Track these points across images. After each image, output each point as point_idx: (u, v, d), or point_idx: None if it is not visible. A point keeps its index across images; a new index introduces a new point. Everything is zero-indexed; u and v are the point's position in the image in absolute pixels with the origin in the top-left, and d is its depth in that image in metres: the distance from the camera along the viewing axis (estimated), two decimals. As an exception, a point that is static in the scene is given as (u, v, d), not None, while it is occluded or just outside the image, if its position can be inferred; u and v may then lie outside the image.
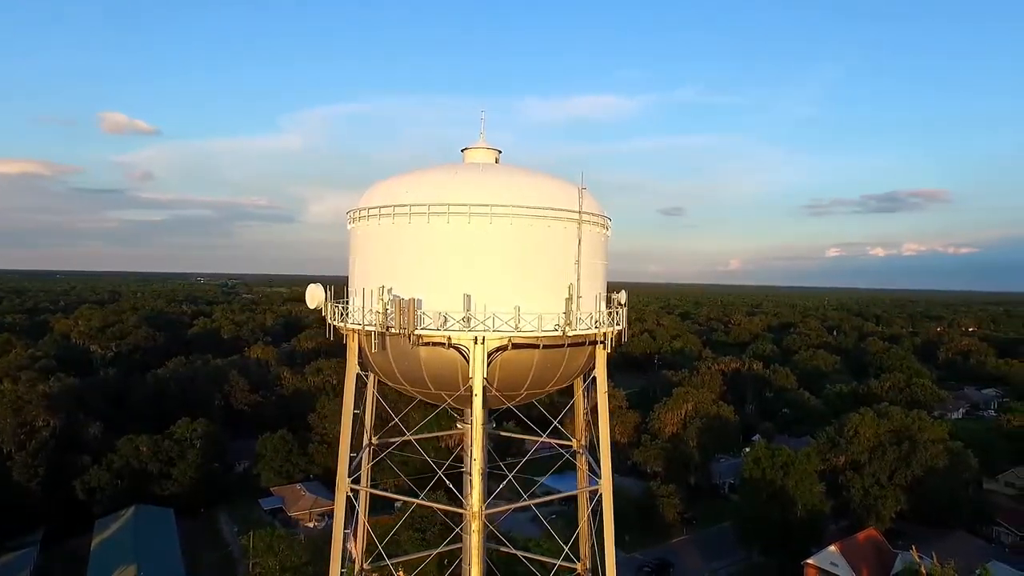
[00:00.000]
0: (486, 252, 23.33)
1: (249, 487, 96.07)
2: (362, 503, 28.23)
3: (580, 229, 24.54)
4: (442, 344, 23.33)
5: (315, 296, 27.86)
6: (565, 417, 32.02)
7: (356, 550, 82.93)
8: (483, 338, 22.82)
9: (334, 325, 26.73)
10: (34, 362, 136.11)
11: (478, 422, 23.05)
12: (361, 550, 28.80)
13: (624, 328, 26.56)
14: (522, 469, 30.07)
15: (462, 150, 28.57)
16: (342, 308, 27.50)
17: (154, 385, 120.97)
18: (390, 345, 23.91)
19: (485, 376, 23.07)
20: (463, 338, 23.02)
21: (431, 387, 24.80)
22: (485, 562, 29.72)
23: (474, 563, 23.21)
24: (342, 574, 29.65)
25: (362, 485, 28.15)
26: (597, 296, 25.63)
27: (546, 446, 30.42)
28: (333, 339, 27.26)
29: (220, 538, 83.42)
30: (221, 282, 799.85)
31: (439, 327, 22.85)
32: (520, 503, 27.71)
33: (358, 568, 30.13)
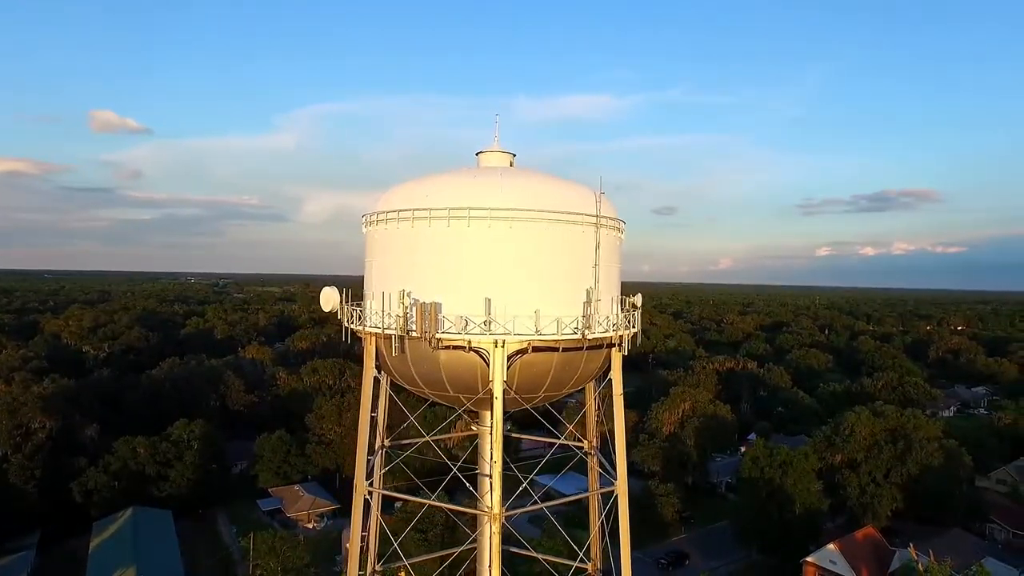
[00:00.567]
0: (506, 256, 23.47)
1: (247, 488, 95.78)
2: (375, 505, 28.29)
3: (598, 233, 24.76)
4: (462, 347, 23.44)
5: (330, 299, 27.91)
6: (574, 418, 32.19)
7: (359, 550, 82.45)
8: (503, 341, 22.97)
9: (351, 328, 26.76)
10: (26, 363, 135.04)
11: (498, 424, 23.22)
12: (374, 551, 28.87)
13: (638, 331, 26.79)
14: (517, 469, 30.44)
15: (477, 153, 28.70)
16: (357, 311, 27.57)
17: (149, 386, 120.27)
18: (409, 348, 24.01)
19: (504, 379, 23.22)
20: (483, 341, 23.15)
21: (450, 390, 24.91)
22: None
23: (494, 564, 23.37)
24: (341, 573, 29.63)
25: (375, 487, 28.20)
26: (612, 299, 25.85)
27: (539, 445, 30.58)
28: (350, 341, 27.31)
29: (219, 539, 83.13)
30: (212, 282, 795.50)
31: (460, 331, 22.98)
32: (538, 505, 27.86)
33: (370, 569, 30.19)
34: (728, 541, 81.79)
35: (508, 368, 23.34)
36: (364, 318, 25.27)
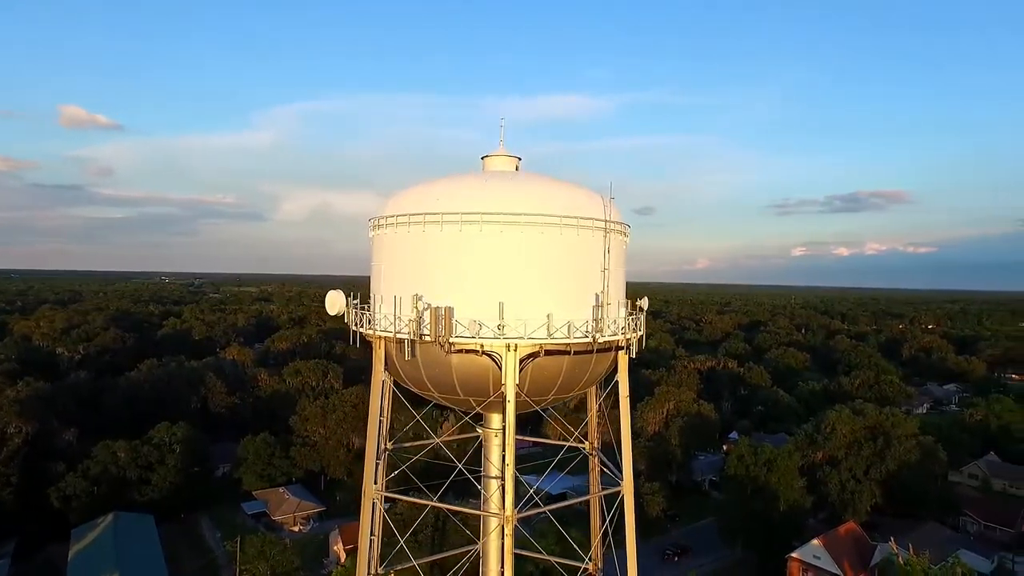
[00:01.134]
0: (518, 261, 23.67)
1: (231, 491, 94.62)
2: (378, 508, 28.28)
3: (609, 238, 25.09)
4: (475, 351, 23.59)
5: (336, 303, 27.84)
6: (576, 420, 32.49)
7: (341, 552, 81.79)
8: (516, 345, 23.17)
9: (360, 332, 26.72)
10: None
11: (511, 427, 23.38)
12: (377, 553, 28.81)
13: (644, 333, 27.19)
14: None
15: (482, 157, 28.85)
16: (363, 314, 27.55)
17: (128, 388, 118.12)
18: (420, 352, 24.08)
19: (516, 382, 23.43)
20: (496, 345, 23.32)
21: (460, 393, 25.04)
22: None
23: (507, 565, 23.54)
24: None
25: (379, 489, 28.19)
26: (619, 302, 26.21)
27: (524, 444, 30.94)
28: (359, 346, 27.26)
29: (203, 544, 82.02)
30: (188, 281, 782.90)
31: (474, 335, 23.12)
32: (551, 507, 28.12)
33: (373, 571, 30.13)
34: (713, 538, 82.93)
35: (520, 371, 23.55)
36: (374, 321, 25.25)
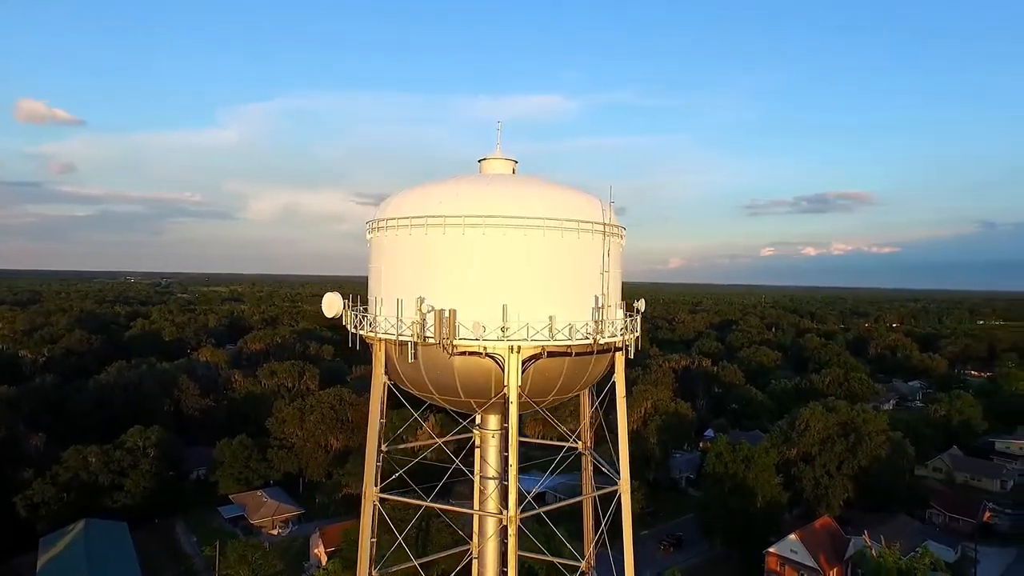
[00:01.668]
0: (520, 263, 23.87)
1: (207, 495, 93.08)
2: (378, 510, 28.19)
3: (608, 241, 25.47)
4: (478, 353, 23.74)
5: (333, 305, 27.72)
6: (569, 420, 32.80)
7: (323, 555, 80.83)
8: (519, 347, 23.37)
9: (360, 335, 26.63)
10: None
11: (513, 428, 23.58)
12: (372, 556, 28.72)
13: (639, 335, 27.62)
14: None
15: (479, 160, 28.99)
16: (361, 316, 27.48)
17: (97, 391, 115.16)
18: (422, 354, 24.13)
19: (519, 383, 23.64)
20: (499, 347, 23.50)
21: (462, 395, 25.15)
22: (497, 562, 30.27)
23: (511, 566, 23.74)
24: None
25: (378, 491, 28.11)
26: (617, 304, 26.61)
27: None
28: (359, 348, 27.18)
29: (179, 550, 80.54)
30: (154, 281, 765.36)
31: (479, 337, 23.26)
32: (551, 506, 28.39)
33: (372, 573, 30.04)
34: (692, 535, 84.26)
35: (522, 373, 23.77)
36: (375, 324, 25.20)
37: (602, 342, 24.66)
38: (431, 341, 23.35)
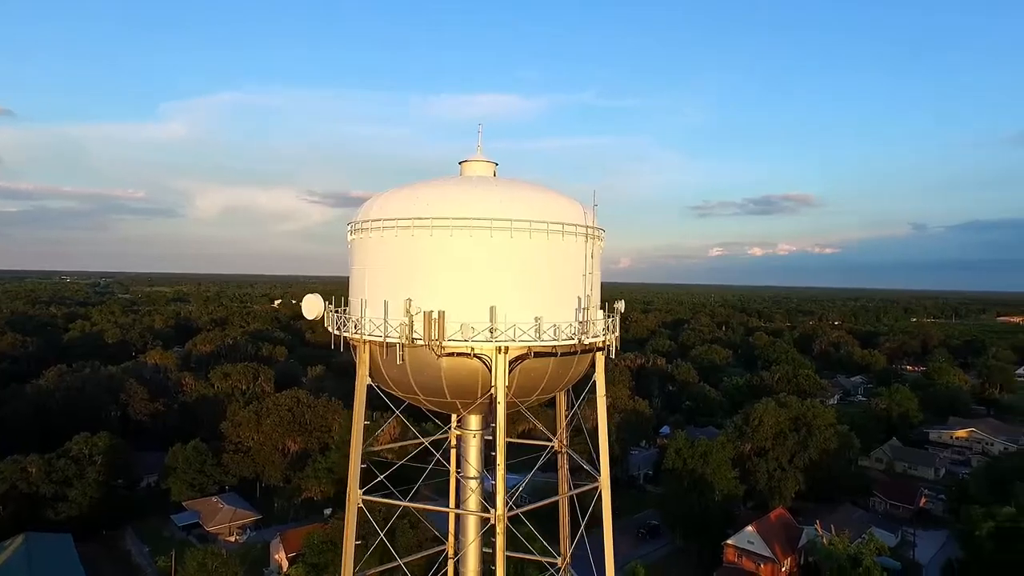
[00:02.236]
0: (507, 265, 24.14)
1: (159, 503, 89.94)
2: (351, 514, 27.96)
3: (592, 243, 26.01)
4: (466, 354, 23.90)
5: (314, 307, 27.43)
6: (539, 418, 33.33)
7: (284, 560, 79.25)
8: (507, 348, 23.66)
9: (345, 336, 26.40)
10: None
11: (501, 427, 23.84)
12: (351, 558, 28.45)
13: (618, 335, 28.26)
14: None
15: (460, 162, 29.12)
16: (343, 318, 27.28)
17: (35, 397, 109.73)
18: (409, 356, 24.14)
19: (506, 383, 23.92)
20: (487, 348, 23.73)
21: (448, 396, 25.26)
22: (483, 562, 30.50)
23: (499, 565, 23.98)
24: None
25: (359, 495, 27.87)
26: (597, 305, 27.18)
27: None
28: (343, 350, 26.92)
29: (130, 561, 77.55)
30: (93, 281, 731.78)
31: (467, 338, 23.43)
32: (537, 504, 28.76)
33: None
34: (652, 530, 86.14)
35: (509, 373, 24.06)
36: (361, 326, 25.04)
37: (587, 342, 25.21)
38: (420, 343, 23.40)
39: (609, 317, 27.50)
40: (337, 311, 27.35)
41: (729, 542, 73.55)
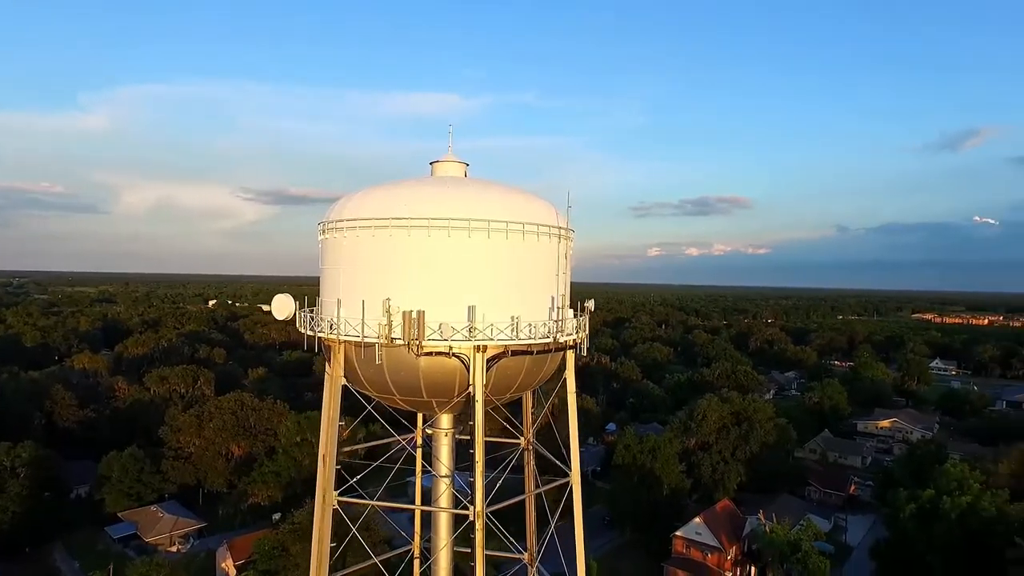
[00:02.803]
0: (485, 265, 24.39)
1: (91, 515, 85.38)
2: (326, 516, 27.63)
3: (565, 243, 26.59)
4: (445, 354, 24.04)
5: (285, 307, 26.93)
6: (517, 418, 33.76)
7: (231, 568, 76.97)
8: (485, 347, 23.94)
9: (320, 337, 26.04)
10: None
11: (479, 425, 24.07)
12: (326, 561, 28.03)
13: (587, 333, 28.97)
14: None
15: (431, 163, 29.18)
16: (314, 318, 26.95)
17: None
18: (386, 356, 24.08)
19: (484, 382, 24.21)
20: (465, 347, 23.94)
21: (425, 395, 25.32)
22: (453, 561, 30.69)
23: (479, 562, 24.22)
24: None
25: (335, 496, 27.51)
26: (568, 304, 27.80)
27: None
28: (317, 351, 26.52)
29: (60, 577, 73.48)
30: (4, 280, 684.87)
31: (447, 337, 23.57)
32: (511, 500, 29.05)
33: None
34: (600, 525, 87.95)
35: (486, 372, 24.35)
36: (336, 326, 24.77)
37: (561, 340, 25.79)
38: (399, 342, 23.41)
39: (578, 316, 28.16)
40: (311, 311, 26.95)
41: (678, 534, 75.99)
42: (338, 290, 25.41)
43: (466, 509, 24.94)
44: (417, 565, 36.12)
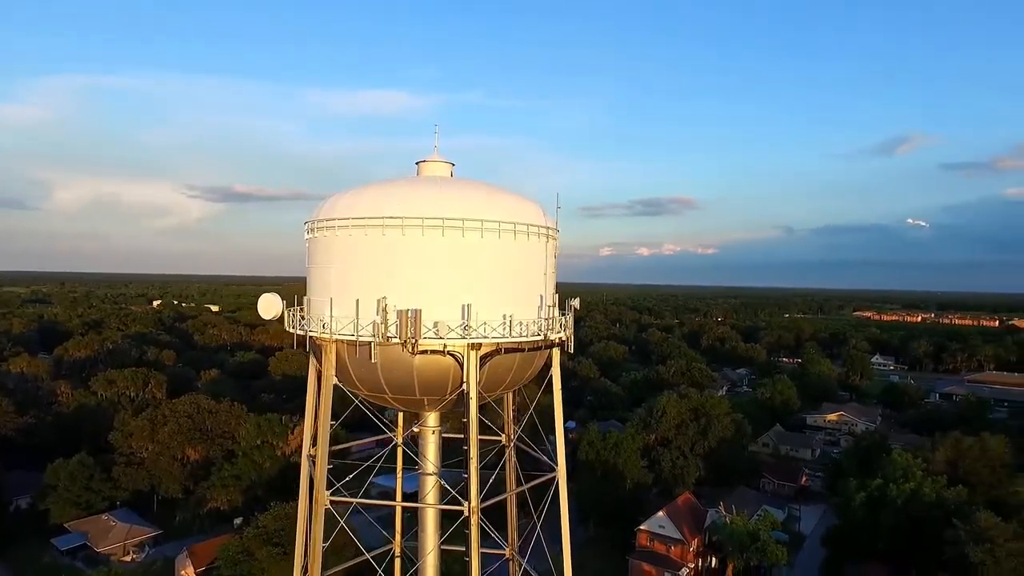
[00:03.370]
0: (477, 264, 24.68)
1: (35, 527, 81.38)
2: (319, 516, 27.35)
3: (553, 243, 27.14)
4: (439, 352, 24.21)
5: (273, 306, 26.61)
6: (494, 416, 34.11)
7: (191, 574, 74.92)
8: (479, 345, 24.23)
9: (311, 335, 25.79)
10: None
11: (473, 422, 24.36)
12: (319, 564, 27.71)
13: (572, 331, 29.55)
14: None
15: (417, 163, 29.28)
16: (301, 317, 26.73)
17: None
18: (380, 355, 24.08)
19: (477, 380, 24.50)
20: (459, 345, 24.17)
21: (418, 394, 25.42)
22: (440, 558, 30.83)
23: (474, 558, 24.48)
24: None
25: (310, 498, 27.30)
26: (556, 302, 28.37)
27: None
28: (307, 350, 26.25)
29: (4, 592, 69.90)
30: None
31: (443, 336, 23.75)
32: (499, 496, 29.34)
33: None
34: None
35: (479, 370, 24.64)
36: (328, 325, 24.60)
37: (552, 338, 26.31)
38: (395, 341, 23.47)
39: (563, 314, 28.73)
40: (301, 310, 26.69)
41: (642, 527, 77.61)
42: (329, 289, 25.29)
43: (459, 505, 25.17)
44: (399, 564, 36.11)
